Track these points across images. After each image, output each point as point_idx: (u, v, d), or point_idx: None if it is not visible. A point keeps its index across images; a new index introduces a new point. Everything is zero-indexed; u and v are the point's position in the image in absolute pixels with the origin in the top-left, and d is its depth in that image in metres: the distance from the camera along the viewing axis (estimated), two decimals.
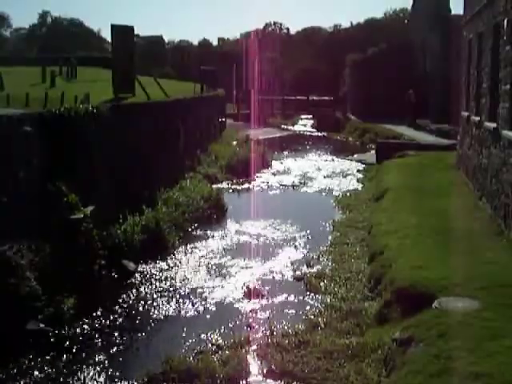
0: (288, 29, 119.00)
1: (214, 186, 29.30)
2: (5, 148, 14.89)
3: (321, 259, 18.30)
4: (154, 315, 14.60)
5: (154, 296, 15.83)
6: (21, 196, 15.04)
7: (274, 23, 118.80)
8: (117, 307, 15.03)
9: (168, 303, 15.29)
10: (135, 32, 28.65)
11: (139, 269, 17.77)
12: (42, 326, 13.21)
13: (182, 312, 14.77)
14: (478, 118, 21.22)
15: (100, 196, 18.13)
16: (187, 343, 12.84)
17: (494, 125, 17.57)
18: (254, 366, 11.60)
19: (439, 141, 38.48)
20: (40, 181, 15.86)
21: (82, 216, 16.16)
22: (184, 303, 15.27)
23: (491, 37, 18.69)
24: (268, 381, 11.10)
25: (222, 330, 13.45)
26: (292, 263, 18.26)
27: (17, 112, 16.98)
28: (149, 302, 15.38)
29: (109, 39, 36.16)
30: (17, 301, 12.97)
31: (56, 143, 16.78)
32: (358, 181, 33.17)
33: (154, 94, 28.49)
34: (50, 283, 14.03)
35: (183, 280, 17.03)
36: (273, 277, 17.21)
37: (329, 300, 14.73)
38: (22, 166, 15.36)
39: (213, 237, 21.54)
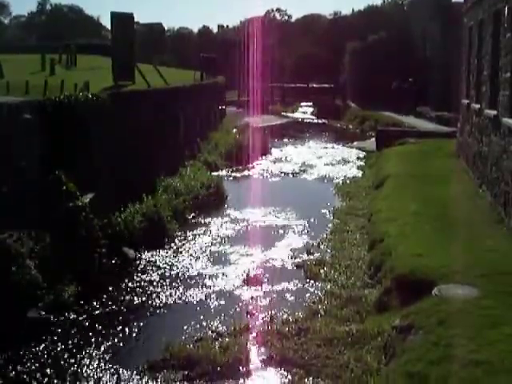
0: (290, 16, 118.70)
1: (214, 174, 29.32)
2: (4, 136, 14.87)
3: (321, 246, 18.32)
4: (154, 302, 14.62)
5: (154, 283, 15.85)
6: (20, 184, 15.02)
7: (278, 9, 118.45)
8: (117, 295, 15.06)
9: (168, 290, 15.31)
10: (135, 19, 28.59)
11: (139, 256, 17.80)
12: (42, 313, 13.24)
13: (182, 299, 14.80)
14: (478, 106, 21.18)
15: (100, 184, 18.11)
16: (187, 330, 12.86)
17: (494, 112, 17.54)
18: (254, 353, 11.64)
19: (439, 128, 38.45)
20: (39, 169, 15.84)
21: (81, 204, 16.16)
22: (184, 290, 15.29)
23: (492, 24, 18.63)
24: (268, 368, 11.13)
25: (222, 317, 13.48)
26: (292, 250, 18.28)
27: (16, 100, 16.97)
28: (149, 290, 15.40)
29: (108, 26, 36.10)
30: (17, 289, 12.98)
31: (56, 131, 16.77)
32: (357, 168, 33.17)
33: (154, 82, 28.45)
34: (51, 271, 14.05)
35: (183, 267, 17.06)
36: (273, 264, 17.23)
37: (329, 287, 14.76)
38: (21, 153, 15.34)
39: (213, 224, 21.56)
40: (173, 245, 19.05)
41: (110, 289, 15.28)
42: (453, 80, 33.96)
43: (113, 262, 16.99)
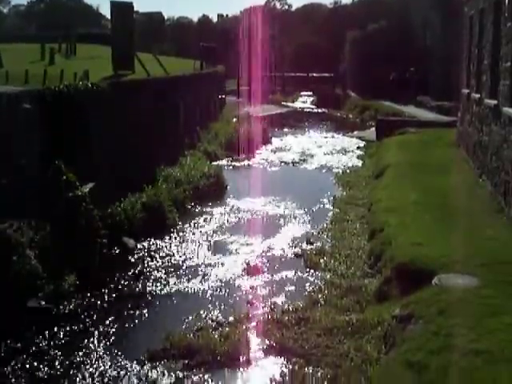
0: (290, 5, 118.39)
1: (214, 163, 29.31)
2: (4, 125, 14.85)
3: (321, 236, 18.33)
4: (154, 292, 14.64)
5: (154, 273, 15.86)
6: (20, 175, 15.00)
7: None
8: (117, 284, 15.07)
9: (168, 280, 15.32)
10: (134, 8, 28.48)
11: (139, 246, 17.81)
12: (42, 303, 13.26)
13: (182, 289, 14.80)
14: (478, 95, 21.14)
15: (100, 174, 18.10)
16: (187, 320, 12.88)
17: (494, 102, 17.50)
18: (254, 342, 11.65)
19: (439, 118, 38.39)
20: (39, 160, 15.82)
21: (81, 194, 16.15)
22: (184, 280, 15.30)
23: (492, 13, 18.57)
24: (268, 357, 11.15)
25: (222, 307, 13.51)
26: (292, 240, 18.29)
27: (16, 89, 16.92)
28: (149, 279, 15.42)
29: (108, 16, 36.03)
30: (17, 279, 13.00)
31: (55, 120, 16.73)
32: (357, 158, 33.15)
33: (154, 71, 28.38)
34: (51, 261, 14.05)
35: (183, 257, 17.07)
36: (273, 253, 17.24)
37: (329, 277, 14.77)
38: (21, 143, 15.32)
39: (213, 214, 21.56)
40: (173, 234, 19.05)
41: (110, 278, 15.28)
42: (453, 70, 33.89)
43: (113, 251, 16.99)
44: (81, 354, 11.58)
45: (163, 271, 15.98)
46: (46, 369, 11.04)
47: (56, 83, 18.44)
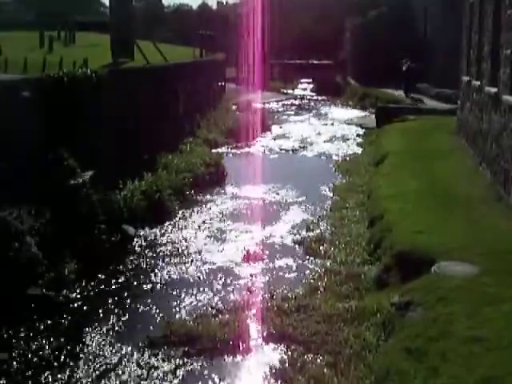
0: None
1: (214, 151, 29.26)
2: (3, 113, 14.83)
3: (320, 223, 18.33)
4: (154, 279, 14.67)
5: (154, 260, 15.89)
6: (20, 162, 15.00)
7: None
8: (117, 272, 15.08)
9: (168, 267, 15.35)
10: None
11: (139, 233, 17.82)
12: (42, 290, 13.28)
13: (182, 276, 14.83)
14: (478, 83, 21.10)
15: (100, 161, 18.08)
16: (187, 307, 12.93)
17: (494, 90, 17.48)
18: (254, 329, 11.70)
19: (440, 105, 38.30)
20: (39, 146, 15.82)
21: (81, 181, 16.16)
22: (184, 267, 15.32)
23: (493, 0, 18.52)
24: (267, 344, 11.19)
25: (221, 294, 13.54)
26: (292, 227, 18.29)
27: (15, 77, 16.90)
28: (149, 267, 15.45)
29: (107, 3, 35.75)
30: (17, 266, 13.01)
31: (55, 108, 16.72)
32: (357, 145, 33.08)
33: (153, 59, 28.32)
34: (51, 248, 14.07)
35: (183, 244, 17.08)
36: (272, 241, 17.25)
37: (328, 264, 14.78)
38: (20, 131, 15.30)
39: (213, 201, 21.57)
40: (172, 222, 19.06)
41: (110, 266, 15.30)
42: (454, 56, 33.80)
43: (113, 239, 17.00)
44: (81, 340, 11.61)
45: (163, 258, 16.00)
46: (46, 356, 11.08)
47: (55, 71, 18.42)
